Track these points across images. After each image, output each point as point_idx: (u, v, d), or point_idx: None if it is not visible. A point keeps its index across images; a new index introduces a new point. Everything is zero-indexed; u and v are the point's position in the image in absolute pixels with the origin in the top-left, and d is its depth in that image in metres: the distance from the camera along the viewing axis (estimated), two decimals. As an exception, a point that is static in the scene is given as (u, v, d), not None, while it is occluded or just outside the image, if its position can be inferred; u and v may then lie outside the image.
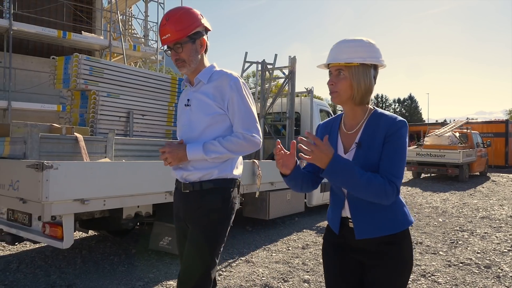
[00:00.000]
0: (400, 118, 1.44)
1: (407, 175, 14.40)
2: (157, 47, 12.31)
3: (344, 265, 1.54)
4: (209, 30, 1.95)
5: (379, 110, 1.51)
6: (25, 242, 4.08)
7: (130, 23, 13.79)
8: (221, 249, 1.91)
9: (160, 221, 4.22)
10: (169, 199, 3.83)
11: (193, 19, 1.86)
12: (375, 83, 1.50)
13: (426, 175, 14.25)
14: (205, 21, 1.91)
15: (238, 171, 1.96)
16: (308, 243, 4.98)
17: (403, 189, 10.80)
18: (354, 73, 1.43)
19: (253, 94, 7.57)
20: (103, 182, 3.29)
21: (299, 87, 7.50)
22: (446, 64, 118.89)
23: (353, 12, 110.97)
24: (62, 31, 10.34)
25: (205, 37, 1.92)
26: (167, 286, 3.48)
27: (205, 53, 1.95)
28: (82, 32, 11.08)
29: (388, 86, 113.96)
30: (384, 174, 1.38)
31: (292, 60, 6.62)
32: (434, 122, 43.87)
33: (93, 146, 3.73)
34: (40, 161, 2.90)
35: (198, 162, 1.86)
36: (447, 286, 3.48)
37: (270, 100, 6.91)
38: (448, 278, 3.68)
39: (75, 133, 3.50)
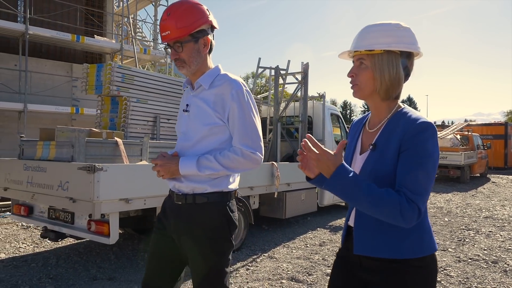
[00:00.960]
0: (424, 119, 1.20)
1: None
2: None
3: (348, 282, 1.36)
4: (215, 28, 1.76)
5: (407, 108, 1.30)
6: (45, 240, 4.31)
7: (139, 27, 14.05)
8: (228, 265, 1.74)
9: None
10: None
11: (198, 16, 1.66)
12: (409, 74, 1.29)
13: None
14: (212, 18, 1.71)
15: (234, 183, 1.79)
16: (324, 240, 5.28)
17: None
18: (377, 62, 1.24)
19: (266, 98, 7.86)
20: (143, 183, 3.57)
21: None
22: (445, 65, 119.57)
23: (355, 13, 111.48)
24: (76, 35, 10.59)
25: (210, 36, 1.73)
26: (189, 282, 3.76)
27: (209, 54, 1.76)
28: (95, 36, 11.34)
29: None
30: (401, 190, 1.14)
31: (305, 66, 6.92)
32: (433, 123, 44.35)
33: (130, 149, 4.01)
34: (92, 163, 3.19)
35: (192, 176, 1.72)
36: (459, 279, 3.78)
37: (283, 104, 7.20)
38: (459, 272, 3.98)
39: (115, 137, 3.78)
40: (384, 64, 1.23)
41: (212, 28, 1.74)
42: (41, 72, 10.66)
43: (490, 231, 5.92)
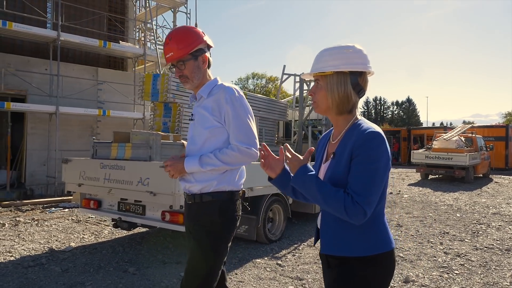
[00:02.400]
0: (372, 129, 1.34)
1: (416, 176, 15.35)
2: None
3: (325, 282, 1.49)
4: (211, 47, 2.02)
5: (361, 120, 1.43)
6: (103, 231, 4.85)
7: (159, 33, 14.62)
8: (222, 262, 1.94)
9: (236, 213, 5.09)
10: (249, 194, 4.68)
11: (194, 37, 1.94)
12: (362, 89, 1.42)
13: (434, 177, 15.18)
14: (207, 38, 1.98)
15: (238, 182, 1.99)
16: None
17: (416, 189, 11.71)
18: (328, 82, 1.40)
19: (290, 102, 8.46)
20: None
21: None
22: (445, 67, 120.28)
23: (355, 14, 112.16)
24: (103, 41, 11.16)
25: (207, 53, 2.00)
26: (248, 265, 4.35)
27: (208, 68, 2.02)
28: (120, 41, 11.90)
29: (387, 89, 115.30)
30: (348, 191, 1.29)
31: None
32: (432, 125, 45.00)
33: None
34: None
35: (198, 174, 1.92)
36: (479, 263, 4.37)
37: (307, 109, 7.79)
38: (478, 258, 4.57)
39: (182, 140, 4.35)
40: (334, 84, 1.39)
41: (209, 47, 2.00)
42: (69, 76, 11.20)
43: (499, 225, 6.53)
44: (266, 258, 4.53)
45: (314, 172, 1.38)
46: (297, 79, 7.91)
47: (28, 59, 10.73)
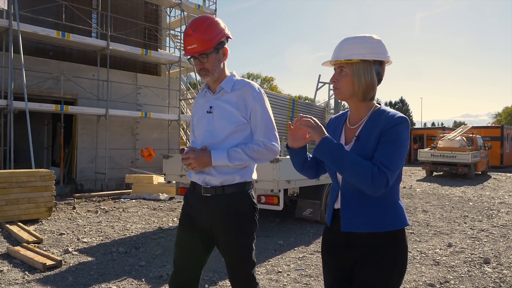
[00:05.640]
0: (400, 114, 1.43)
1: (421, 173, 16.71)
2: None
3: (339, 263, 1.55)
4: (230, 38, 2.00)
5: (383, 107, 1.51)
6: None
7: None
8: (254, 242, 1.98)
9: (303, 198, 6.27)
10: (316, 183, 5.88)
11: (218, 30, 1.91)
12: (381, 79, 1.51)
13: (438, 173, 16.55)
14: (227, 31, 1.96)
15: (255, 174, 2.06)
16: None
17: (425, 184, 13.03)
18: (354, 69, 1.45)
19: (322, 106, 9.66)
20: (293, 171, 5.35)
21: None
22: (438, 68, 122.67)
23: (354, 13, 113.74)
24: (145, 49, 12.25)
25: (226, 45, 1.97)
26: (301, 246, 5.55)
27: (226, 61, 2.00)
28: (158, 49, 13.00)
29: (380, 90, 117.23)
30: (375, 163, 1.37)
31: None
32: (424, 125, 46.45)
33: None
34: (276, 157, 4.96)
35: (221, 167, 1.92)
36: (500, 234, 5.64)
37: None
38: (498, 231, 5.85)
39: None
40: (360, 71, 1.45)
41: (228, 39, 1.98)
42: (114, 81, 12.26)
43: (508, 211, 7.84)
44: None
45: (339, 142, 1.48)
46: (332, 86, 9.09)
47: (78, 66, 11.78)
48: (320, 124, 1.48)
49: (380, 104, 1.53)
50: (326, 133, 1.46)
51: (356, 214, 1.45)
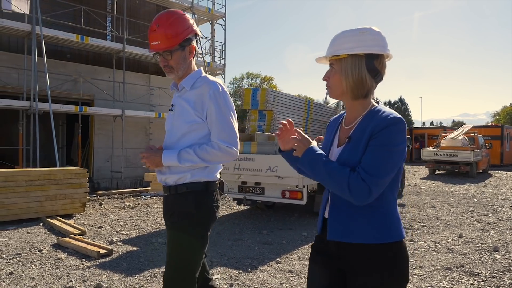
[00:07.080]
0: (394, 115, 1.32)
1: (423, 172, 17.18)
2: (225, 63, 14.76)
3: (325, 272, 1.46)
4: (198, 35, 1.93)
5: (380, 106, 1.41)
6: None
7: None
8: (203, 252, 1.88)
9: (320, 194, 6.70)
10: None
11: (184, 26, 1.84)
12: (379, 74, 1.39)
13: (441, 172, 17.01)
14: (195, 27, 1.90)
15: (214, 173, 1.93)
16: (401, 211, 7.53)
17: (428, 182, 13.48)
18: (342, 65, 1.38)
19: (333, 106, 10.06)
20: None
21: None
22: (437, 67, 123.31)
23: (353, 13, 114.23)
24: (159, 52, 12.65)
25: (193, 42, 1.91)
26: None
27: (193, 58, 1.94)
28: (171, 52, 13.39)
29: (379, 89, 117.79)
30: (358, 168, 1.29)
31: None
32: (422, 124, 46.86)
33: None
34: (300, 155, 5.39)
35: (174, 167, 1.88)
36: (506, 227, 6.08)
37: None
38: (504, 224, 6.29)
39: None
40: (348, 67, 1.36)
41: (196, 36, 1.91)
42: (129, 83, 12.66)
43: (511, 206, 8.29)
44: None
45: (321, 152, 1.38)
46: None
47: (95, 68, 12.18)
48: (305, 136, 1.43)
49: (378, 103, 1.44)
50: (309, 144, 1.40)
51: (343, 223, 1.37)
